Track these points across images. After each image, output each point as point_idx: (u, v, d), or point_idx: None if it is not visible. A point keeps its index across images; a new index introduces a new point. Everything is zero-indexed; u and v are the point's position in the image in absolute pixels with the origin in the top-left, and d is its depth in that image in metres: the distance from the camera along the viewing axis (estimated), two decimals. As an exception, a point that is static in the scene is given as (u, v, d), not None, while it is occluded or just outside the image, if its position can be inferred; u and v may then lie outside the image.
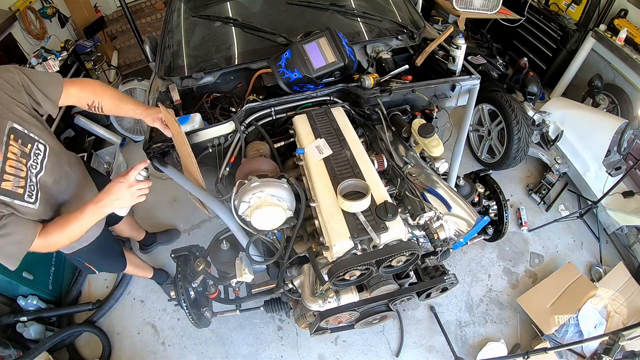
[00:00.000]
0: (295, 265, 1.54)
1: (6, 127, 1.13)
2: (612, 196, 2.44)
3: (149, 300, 2.40)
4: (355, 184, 1.21)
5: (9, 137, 1.13)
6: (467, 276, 2.43)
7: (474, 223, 1.38)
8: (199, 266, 1.63)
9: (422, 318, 2.26)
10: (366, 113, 1.68)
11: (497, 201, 1.83)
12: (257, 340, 2.21)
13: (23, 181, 1.17)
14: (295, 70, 1.65)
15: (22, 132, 1.18)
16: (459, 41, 1.70)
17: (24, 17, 3.19)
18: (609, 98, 3.00)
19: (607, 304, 2.17)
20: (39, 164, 1.24)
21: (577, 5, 3.17)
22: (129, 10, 2.95)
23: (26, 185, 1.18)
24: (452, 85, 1.75)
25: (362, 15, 2.12)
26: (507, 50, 3.86)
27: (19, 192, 1.15)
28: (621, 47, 2.77)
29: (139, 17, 4.78)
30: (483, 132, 2.90)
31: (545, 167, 2.86)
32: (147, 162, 1.24)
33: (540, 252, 2.57)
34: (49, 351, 2.04)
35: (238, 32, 2.05)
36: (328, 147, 1.39)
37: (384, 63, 1.89)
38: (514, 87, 2.89)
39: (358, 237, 1.13)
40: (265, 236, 1.41)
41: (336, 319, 1.43)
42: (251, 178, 1.29)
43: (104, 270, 1.95)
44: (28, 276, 2.12)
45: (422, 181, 1.51)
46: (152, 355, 2.20)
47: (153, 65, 1.99)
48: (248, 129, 1.63)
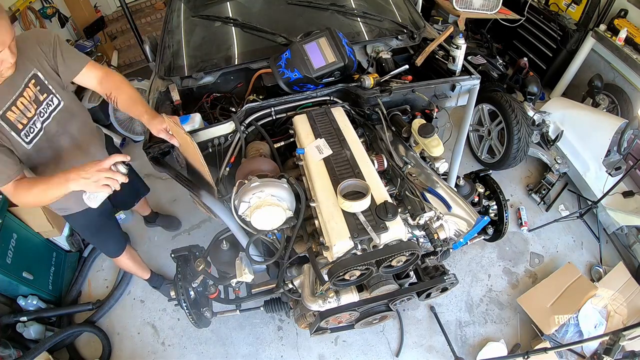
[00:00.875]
0: (295, 265, 1.54)
1: (30, 72, 1.30)
2: (612, 196, 2.44)
3: (149, 300, 2.40)
4: (355, 184, 1.21)
5: (30, 81, 1.30)
6: (467, 276, 2.43)
7: (474, 223, 1.38)
8: (199, 266, 1.63)
9: (422, 318, 2.26)
10: (366, 113, 1.68)
11: (497, 201, 1.83)
12: (257, 340, 2.21)
13: (26, 120, 1.31)
14: (295, 70, 1.65)
15: (43, 81, 1.34)
16: (459, 41, 1.70)
17: (24, 17, 3.18)
18: (609, 98, 3.00)
19: (607, 304, 2.17)
20: (47, 113, 1.38)
21: (577, 5, 3.17)
22: (129, 10, 2.95)
23: (27, 125, 1.31)
24: (452, 85, 1.74)
25: (362, 15, 2.12)
26: (507, 50, 3.85)
27: (18, 127, 1.28)
28: (621, 47, 2.76)
29: (139, 17, 4.78)
30: (483, 132, 2.90)
31: (545, 167, 2.86)
32: (127, 157, 1.22)
33: (540, 252, 2.57)
34: (49, 351, 2.04)
35: (238, 32, 2.05)
36: (328, 147, 1.39)
37: (384, 63, 1.88)
38: (514, 87, 2.89)
39: (358, 237, 1.13)
40: (265, 236, 1.41)
41: (336, 319, 1.43)
42: (251, 178, 1.29)
43: (96, 247, 2.11)
44: (28, 276, 2.12)
45: (422, 181, 1.51)
46: (152, 355, 2.20)
47: (153, 65, 1.99)
48: (248, 129, 1.63)
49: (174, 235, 2.70)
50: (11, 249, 2.07)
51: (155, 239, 2.69)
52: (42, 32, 1.37)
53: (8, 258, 2.03)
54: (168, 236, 2.70)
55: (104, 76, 1.46)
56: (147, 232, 2.72)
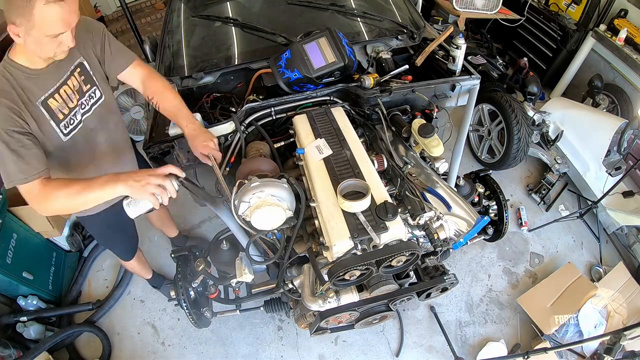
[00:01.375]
0: (295, 265, 1.54)
1: (77, 60, 1.25)
2: (612, 196, 2.43)
3: (149, 300, 2.40)
4: (355, 184, 1.21)
5: (75, 69, 1.25)
6: (467, 276, 2.43)
7: (474, 223, 1.38)
8: (199, 266, 1.63)
9: (422, 318, 2.26)
10: (366, 113, 1.68)
11: (497, 201, 1.83)
12: (257, 340, 2.21)
13: (67, 110, 1.24)
14: (295, 70, 1.65)
15: (88, 71, 1.29)
16: (459, 41, 1.70)
17: (24, 17, 3.18)
18: (609, 98, 3.00)
19: (607, 304, 2.17)
20: (89, 105, 1.32)
21: (577, 5, 3.17)
22: (129, 10, 2.95)
23: (68, 115, 1.25)
24: (452, 85, 1.74)
25: (362, 15, 2.12)
26: (507, 50, 3.85)
27: (58, 116, 1.22)
28: (621, 47, 2.76)
29: (139, 17, 4.78)
30: (483, 132, 2.90)
31: (545, 167, 2.86)
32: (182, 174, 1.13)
33: (540, 252, 2.57)
34: (49, 351, 2.04)
35: (238, 32, 2.05)
36: (328, 147, 1.39)
37: (384, 63, 1.89)
38: (514, 87, 2.89)
39: (358, 237, 1.13)
40: (265, 236, 1.41)
41: (336, 319, 1.43)
42: (251, 178, 1.29)
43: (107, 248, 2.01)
44: (28, 276, 2.12)
45: (422, 181, 1.51)
46: (152, 355, 2.20)
47: (153, 65, 1.99)
48: (248, 129, 1.63)
49: (174, 235, 2.70)
50: (11, 249, 2.07)
51: (155, 239, 2.69)
52: (92, 21, 1.31)
53: (8, 258, 2.03)
54: (168, 236, 2.70)
55: (148, 77, 1.40)
56: (148, 232, 2.72)
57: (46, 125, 1.19)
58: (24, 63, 1.14)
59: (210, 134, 1.33)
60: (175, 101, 1.37)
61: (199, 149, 1.29)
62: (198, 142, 1.28)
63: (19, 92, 1.13)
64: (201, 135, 1.30)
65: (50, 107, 1.19)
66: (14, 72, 1.13)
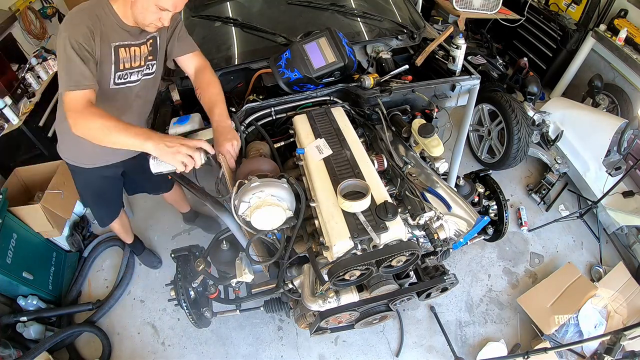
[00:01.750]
0: (295, 265, 1.54)
1: (150, 34, 1.38)
2: (612, 196, 2.44)
3: (149, 300, 2.40)
4: (355, 184, 1.21)
5: (149, 40, 1.39)
6: (467, 276, 2.43)
7: (474, 223, 1.38)
8: (199, 266, 1.63)
9: (422, 318, 2.26)
10: (366, 113, 1.68)
11: (497, 201, 1.83)
12: (257, 340, 2.21)
13: (129, 65, 1.36)
14: (295, 70, 1.65)
15: (156, 46, 1.44)
16: (459, 41, 1.70)
17: (24, 17, 3.18)
18: (609, 98, 3.01)
19: (607, 304, 2.17)
20: (143, 74, 1.44)
21: (577, 5, 3.17)
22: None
23: (126, 70, 1.36)
24: (452, 85, 1.74)
25: (362, 15, 2.12)
26: (507, 50, 3.86)
27: (119, 66, 1.33)
28: (621, 47, 2.77)
29: (139, 17, 4.77)
30: (483, 132, 2.90)
31: (545, 167, 2.86)
32: (212, 151, 1.27)
33: (540, 252, 2.57)
34: (49, 351, 2.04)
35: (238, 32, 2.05)
36: (328, 147, 1.39)
37: (384, 63, 1.89)
38: (514, 87, 2.89)
39: (358, 237, 1.13)
40: (265, 236, 1.41)
41: (336, 319, 1.43)
42: (251, 178, 1.28)
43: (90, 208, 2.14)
44: (28, 276, 2.12)
45: (422, 181, 1.51)
46: (152, 355, 2.20)
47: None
48: (248, 129, 1.63)
49: (173, 236, 2.70)
50: (11, 249, 2.07)
51: (156, 239, 2.69)
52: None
53: (8, 258, 2.03)
54: (168, 236, 2.70)
55: (201, 69, 1.52)
56: (148, 232, 2.72)
57: (107, 65, 1.30)
58: (119, 13, 1.27)
59: (237, 136, 1.36)
60: (215, 97, 1.46)
61: (222, 145, 1.32)
62: (223, 138, 1.33)
63: (102, 28, 1.25)
64: (228, 133, 1.35)
65: (118, 53, 1.31)
66: (107, 13, 1.26)
